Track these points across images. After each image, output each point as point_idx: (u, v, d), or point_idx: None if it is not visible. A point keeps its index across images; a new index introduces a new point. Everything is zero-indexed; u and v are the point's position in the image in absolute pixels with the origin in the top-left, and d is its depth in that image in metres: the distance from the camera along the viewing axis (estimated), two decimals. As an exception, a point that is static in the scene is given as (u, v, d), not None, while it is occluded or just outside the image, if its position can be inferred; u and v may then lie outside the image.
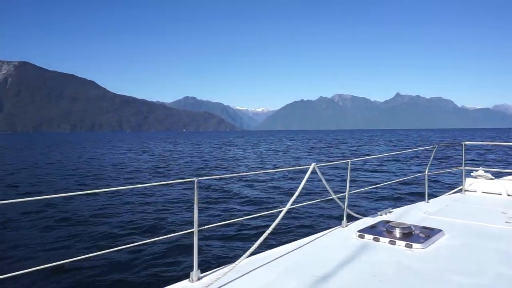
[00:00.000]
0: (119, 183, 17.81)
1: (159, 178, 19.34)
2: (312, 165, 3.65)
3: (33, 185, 16.97)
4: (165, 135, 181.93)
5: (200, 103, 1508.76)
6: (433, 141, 68.91)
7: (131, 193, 13.31)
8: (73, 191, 3.86)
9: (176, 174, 20.89)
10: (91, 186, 16.87)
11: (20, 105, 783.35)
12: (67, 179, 18.87)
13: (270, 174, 17.52)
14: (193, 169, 23.39)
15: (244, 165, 25.57)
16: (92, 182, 17.95)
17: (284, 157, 33.23)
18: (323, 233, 3.89)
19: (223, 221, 4.07)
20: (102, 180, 18.72)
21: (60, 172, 21.78)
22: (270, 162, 27.92)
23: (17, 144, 74.40)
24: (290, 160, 29.84)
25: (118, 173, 21.62)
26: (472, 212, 4.74)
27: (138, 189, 13.88)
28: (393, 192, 13.55)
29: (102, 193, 12.94)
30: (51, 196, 2.37)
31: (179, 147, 55.48)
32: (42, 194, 14.58)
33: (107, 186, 16.14)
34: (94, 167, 24.91)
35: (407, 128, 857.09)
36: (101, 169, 23.85)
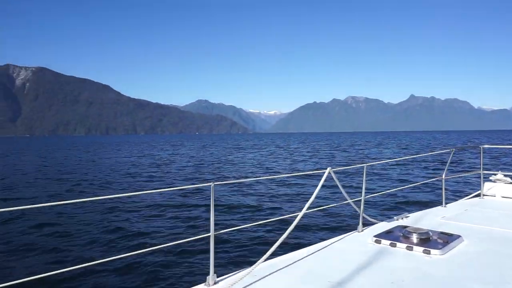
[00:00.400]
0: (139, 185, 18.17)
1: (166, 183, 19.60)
2: (327, 169, 3.60)
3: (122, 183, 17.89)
4: (179, 138, 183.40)
5: (213, 106, 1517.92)
6: (447, 143, 67.60)
7: (148, 198, 13.38)
8: (93, 196, 4.18)
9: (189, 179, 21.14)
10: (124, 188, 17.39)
11: (38, 109, 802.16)
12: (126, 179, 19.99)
13: (285, 178, 17.44)
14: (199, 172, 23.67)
15: (243, 169, 25.52)
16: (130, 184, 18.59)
17: (284, 163, 33.04)
18: (339, 238, 3.84)
19: (239, 226, 3.95)
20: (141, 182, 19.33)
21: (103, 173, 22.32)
22: (271, 166, 27.82)
23: (71, 146, 76.04)
24: (292, 164, 29.58)
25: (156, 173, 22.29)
26: (492, 217, 4.61)
27: (154, 194, 14.01)
28: (409, 196, 13.34)
29: (117, 198, 12.93)
30: (76, 201, 2.39)
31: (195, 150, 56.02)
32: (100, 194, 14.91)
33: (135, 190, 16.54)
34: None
35: (422, 130, 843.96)
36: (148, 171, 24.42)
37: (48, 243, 8.43)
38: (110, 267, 6.63)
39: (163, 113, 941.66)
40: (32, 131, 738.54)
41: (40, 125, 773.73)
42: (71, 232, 9.28)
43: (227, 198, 13.61)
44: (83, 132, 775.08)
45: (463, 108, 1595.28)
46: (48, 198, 14.91)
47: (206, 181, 20.02)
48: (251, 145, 75.25)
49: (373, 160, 31.70)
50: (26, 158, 41.37)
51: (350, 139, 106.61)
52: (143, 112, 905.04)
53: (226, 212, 11.41)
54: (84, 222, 10.32)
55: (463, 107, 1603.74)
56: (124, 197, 13.17)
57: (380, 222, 4.39)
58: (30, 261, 7.33)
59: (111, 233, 9.18)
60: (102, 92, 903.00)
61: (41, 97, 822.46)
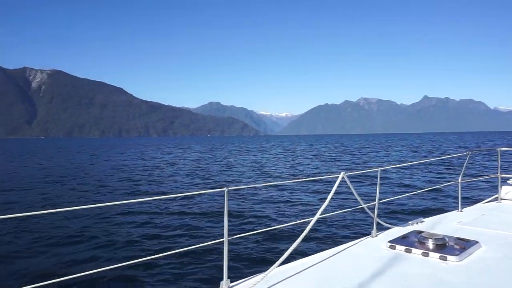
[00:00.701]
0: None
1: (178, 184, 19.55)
2: (341, 174, 3.56)
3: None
4: (188, 140, 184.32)
5: (225, 108, 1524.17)
6: (459, 145, 66.15)
7: (161, 202, 13.35)
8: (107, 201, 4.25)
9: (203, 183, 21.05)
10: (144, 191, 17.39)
11: (53, 111, 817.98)
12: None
13: (298, 183, 17.37)
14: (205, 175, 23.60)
15: (239, 174, 25.38)
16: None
17: (284, 167, 32.67)
18: (353, 243, 3.78)
19: (253, 231, 3.94)
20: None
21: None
22: (270, 170, 27.53)
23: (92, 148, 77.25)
24: (291, 168, 29.15)
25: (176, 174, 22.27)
26: (510, 222, 4.49)
27: (166, 199, 14.04)
28: (424, 200, 13.15)
29: (132, 204, 12.76)
30: (91, 206, 2.36)
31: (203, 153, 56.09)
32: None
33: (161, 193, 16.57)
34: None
35: (436, 131, 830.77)
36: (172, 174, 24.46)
37: (65, 248, 8.46)
38: (124, 272, 6.66)
39: (175, 116, 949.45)
40: (48, 133, 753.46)
41: (55, 127, 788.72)
42: (80, 239, 9.25)
43: (240, 203, 13.52)
44: (97, 134, 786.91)
45: (478, 109, 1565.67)
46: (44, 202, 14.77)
47: (219, 186, 19.90)
48: (257, 148, 75.07)
49: (380, 164, 30.98)
50: (26, 161, 41.90)
51: (359, 142, 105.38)
52: (156, 115, 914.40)
53: (239, 217, 11.35)
54: (95, 228, 10.27)
55: (479, 108, 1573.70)
56: (135, 203, 12.91)
57: (395, 227, 4.30)
58: (57, 261, 7.49)
59: (123, 239, 9.14)
60: (115, 94, 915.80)
61: (56, 99, 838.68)
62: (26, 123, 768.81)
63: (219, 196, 13.98)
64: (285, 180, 20.28)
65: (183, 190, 17.29)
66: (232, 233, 3.29)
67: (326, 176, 5.87)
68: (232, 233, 2.97)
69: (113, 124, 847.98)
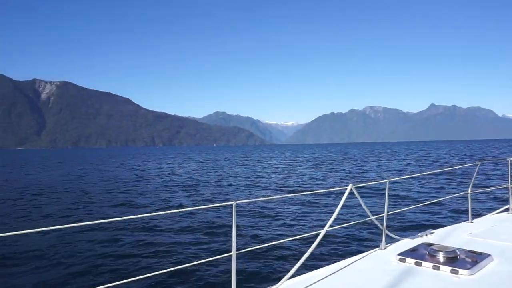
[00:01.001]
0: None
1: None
2: (349, 186, 3.53)
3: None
4: (190, 150, 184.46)
5: (230, 118, 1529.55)
6: (465, 154, 65.05)
7: (167, 217, 13.13)
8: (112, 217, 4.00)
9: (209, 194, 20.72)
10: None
11: (61, 122, 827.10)
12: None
13: (306, 195, 17.17)
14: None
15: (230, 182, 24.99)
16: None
17: (278, 177, 32.24)
18: (362, 256, 3.72)
19: (261, 244, 3.86)
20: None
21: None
22: (258, 182, 27.09)
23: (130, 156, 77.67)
24: (283, 180, 28.56)
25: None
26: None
27: (174, 213, 13.61)
28: (433, 211, 12.94)
29: (139, 219, 12.62)
30: (93, 222, 2.32)
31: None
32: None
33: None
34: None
35: (443, 139, 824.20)
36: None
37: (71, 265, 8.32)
38: (131, 286, 6.53)
39: (180, 125, 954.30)
40: (56, 143, 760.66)
41: (63, 137, 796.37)
42: (87, 254, 9.11)
43: (248, 216, 13.34)
44: (104, 144, 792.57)
45: (486, 117, 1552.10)
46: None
47: (213, 199, 19.56)
48: (258, 157, 74.84)
49: (379, 174, 30.56)
50: (22, 171, 41.98)
51: (363, 151, 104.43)
52: (162, 124, 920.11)
53: (247, 231, 11.24)
54: (99, 244, 10.08)
55: (487, 116, 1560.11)
56: (141, 218, 12.68)
57: (404, 239, 4.20)
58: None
59: (130, 254, 9.06)
60: (122, 105, 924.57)
61: (64, 110, 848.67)
62: (35, 134, 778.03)
63: (226, 209, 13.75)
64: (293, 193, 19.54)
65: (170, 204, 17.02)
66: (240, 247, 3.31)
67: (334, 188, 7.20)
68: (240, 247, 2.93)
69: (119, 134, 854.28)
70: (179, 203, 17.07)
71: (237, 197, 18.91)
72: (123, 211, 16.01)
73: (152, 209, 15.70)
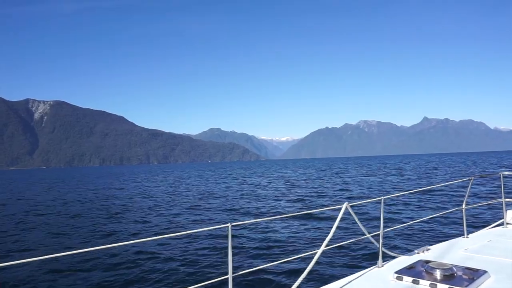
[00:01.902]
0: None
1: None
2: (344, 204, 3.55)
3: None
4: (182, 167, 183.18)
5: (225, 134, 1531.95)
6: (456, 166, 64.89)
7: (162, 242, 12.76)
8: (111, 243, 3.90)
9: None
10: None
11: (55, 142, 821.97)
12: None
13: (301, 215, 16.54)
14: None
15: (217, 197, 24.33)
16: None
17: (247, 200, 31.68)
18: (360, 274, 3.69)
19: (257, 266, 3.77)
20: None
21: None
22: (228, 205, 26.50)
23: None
24: (252, 203, 28.24)
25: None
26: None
27: (168, 238, 13.31)
28: (429, 227, 13.01)
29: (131, 245, 12.01)
30: (86, 250, 2.30)
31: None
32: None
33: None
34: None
35: (436, 152, 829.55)
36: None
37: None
38: None
39: (175, 142, 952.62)
40: (49, 163, 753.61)
41: (56, 157, 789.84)
42: (77, 283, 8.91)
43: (243, 238, 13.11)
44: (97, 163, 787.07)
45: (478, 129, 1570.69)
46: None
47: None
48: (241, 173, 74.35)
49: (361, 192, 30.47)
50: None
51: (344, 164, 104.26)
52: (156, 142, 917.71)
53: (243, 252, 11.18)
54: (91, 272, 9.83)
55: (479, 128, 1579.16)
56: (137, 243, 12.09)
57: (401, 256, 4.17)
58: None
59: (122, 281, 8.90)
60: (117, 123, 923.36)
61: (58, 129, 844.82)
62: (27, 154, 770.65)
63: (222, 232, 13.53)
64: (288, 213, 19.37)
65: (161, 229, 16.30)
66: (237, 269, 3.37)
67: (329, 208, 6.87)
68: (236, 270, 3.14)
69: (114, 153, 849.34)
70: (171, 227, 16.50)
71: (232, 220, 18.55)
72: (112, 238, 15.13)
73: (146, 235, 14.98)
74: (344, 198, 25.23)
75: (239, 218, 18.35)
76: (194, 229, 15.01)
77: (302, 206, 21.97)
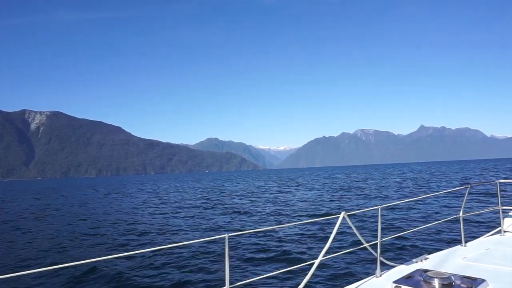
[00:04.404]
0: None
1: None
2: (342, 214, 3.54)
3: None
4: (176, 177, 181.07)
5: (223, 144, 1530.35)
6: (448, 175, 64.08)
7: (159, 253, 12.47)
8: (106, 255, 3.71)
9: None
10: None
11: (51, 152, 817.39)
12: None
13: (299, 225, 16.40)
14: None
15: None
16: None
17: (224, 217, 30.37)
18: (358, 284, 3.65)
19: (254, 277, 3.70)
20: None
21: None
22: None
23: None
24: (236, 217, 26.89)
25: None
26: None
27: (164, 249, 12.74)
28: (427, 236, 13.10)
29: (126, 257, 11.75)
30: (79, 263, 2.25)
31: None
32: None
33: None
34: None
35: (434, 160, 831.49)
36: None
37: None
38: None
39: (173, 153, 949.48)
40: (45, 174, 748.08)
41: (52, 167, 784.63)
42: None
43: (240, 248, 13.04)
44: (94, 174, 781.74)
45: (475, 137, 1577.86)
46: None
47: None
48: (229, 185, 71.75)
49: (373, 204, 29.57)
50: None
51: (343, 174, 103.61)
52: (153, 152, 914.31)
53: (240, 263, 11.09)
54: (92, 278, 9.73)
55: (475, 136, 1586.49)
56: (130, 255, 11.96)
57: (399, 265, 4.14)
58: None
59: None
60: (113, 133, 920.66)
61: (54, 140, 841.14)
62: (23, 165, 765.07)
63: (219, 243, 13.41)
64: (285, 223, 19.06)
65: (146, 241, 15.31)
66: (234, 280, 3.22)
67: (327, 217, 6.79)
68: (233, 281, 2.91)
69: (110, 163, 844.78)
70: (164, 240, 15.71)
71: (229, 230, 18.04)
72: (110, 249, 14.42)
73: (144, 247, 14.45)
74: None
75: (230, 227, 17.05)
76: (192, 239, 14.25)
77: (299, 216, 21.37)
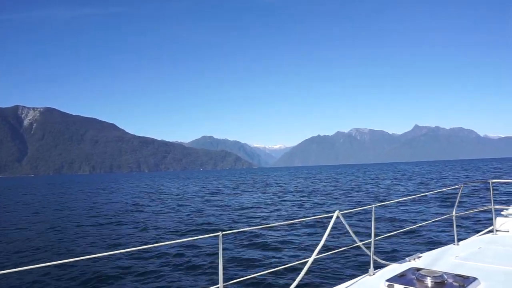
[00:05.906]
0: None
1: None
2: (335, 212, 3.55)
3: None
4: (169, 175, 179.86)
5: (218, 142, 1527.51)
6: (441, 174, 64.03)
7: (151, 250, 12.37)
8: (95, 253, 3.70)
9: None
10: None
11: (44, 149, 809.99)
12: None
13: (293, 223, 16.07)
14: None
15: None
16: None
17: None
18: (351, 282, 3.67)
19: (248, 275, 3.72)
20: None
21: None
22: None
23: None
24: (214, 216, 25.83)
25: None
26: (508, 256, 4.36)
27: (157, 247, 12.25)
28: (419, 234, 13.29)
29: (120, 254, 11.60)
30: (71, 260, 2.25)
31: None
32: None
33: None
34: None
35: (428, 160, 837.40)
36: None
37: None
38: None
39: (167, 150, 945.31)
40: (38, 170, 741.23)
41: (45, 164, 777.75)
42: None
43: (234, 246, 13.08)
44: (87, 171, 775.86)
45: (469, 137, 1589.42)
46: None
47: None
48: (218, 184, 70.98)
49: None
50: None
51: (332, 172, 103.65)
52: (148, 150, 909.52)
53: (234, 261, 11.05)
54: (84, 279, 9.63)
55: (469, 136, 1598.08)
56: (124, 253, 11.34)
57: (392, 263, 4.18)
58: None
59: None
60: (107, 130, 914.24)
61: (47, 136, 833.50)
62: (16, 161, 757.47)
63: (213, 241, 13.46)
64: (279, 221, 18.93)
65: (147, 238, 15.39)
66: (228, 278, 3.25)
67: (320, 216, 7.19)
68: (227, 279, 2.92)
69: (104, 160, 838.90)
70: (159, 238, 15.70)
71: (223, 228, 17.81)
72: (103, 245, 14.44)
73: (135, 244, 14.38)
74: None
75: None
76: (185, 238, 14.63)
77: (293, 214, 21.06)
